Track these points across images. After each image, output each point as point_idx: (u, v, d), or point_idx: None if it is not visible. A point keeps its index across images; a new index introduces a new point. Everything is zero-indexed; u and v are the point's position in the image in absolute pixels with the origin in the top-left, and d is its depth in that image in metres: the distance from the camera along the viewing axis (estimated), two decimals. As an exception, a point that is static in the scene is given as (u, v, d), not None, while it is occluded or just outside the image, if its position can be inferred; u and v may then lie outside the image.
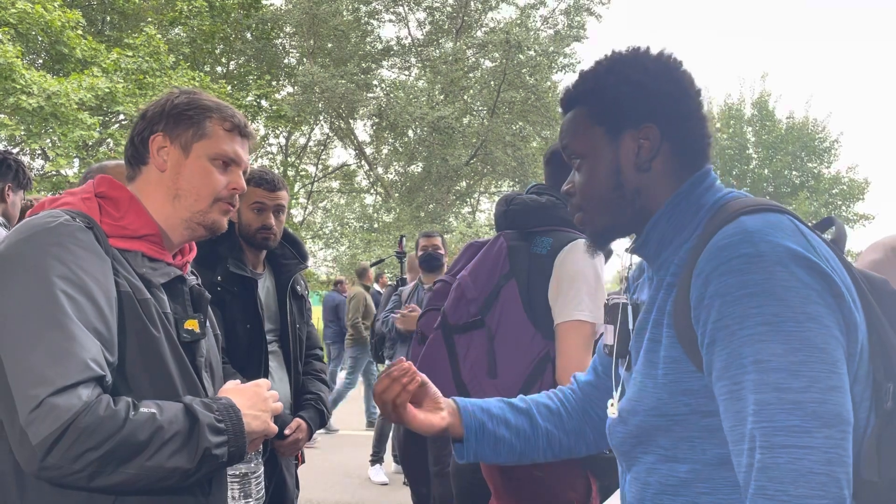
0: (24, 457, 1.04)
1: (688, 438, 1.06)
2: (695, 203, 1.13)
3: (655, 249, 1.17)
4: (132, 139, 1.39)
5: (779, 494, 0.89)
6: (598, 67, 1.20)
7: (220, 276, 2.27)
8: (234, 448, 1.21)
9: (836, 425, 0.89)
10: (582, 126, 1.20)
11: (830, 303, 0.94)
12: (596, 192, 1.19)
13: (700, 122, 1.17)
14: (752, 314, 0.93)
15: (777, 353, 0.91)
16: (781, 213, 1.03)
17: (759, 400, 0.92)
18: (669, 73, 1.16)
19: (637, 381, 1.14)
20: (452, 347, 1.95)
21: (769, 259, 0.94)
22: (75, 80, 12.45)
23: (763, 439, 0.91)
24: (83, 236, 1.18)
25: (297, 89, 19.80)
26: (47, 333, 1.07)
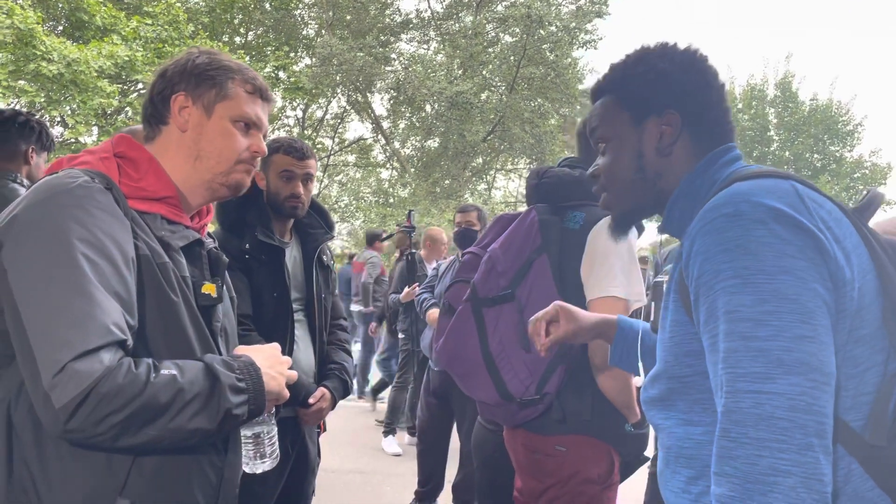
0: (48, 420, 1.04)
1: (700, 401, 1.09)
2: (710, 179, 1.18)
3: (678, 226, 1.22)
4: (151, 98, 1.36)
5: (740, 437, 0.91)
6: (627, 59, 1.28)
7: (248, 244, 2.27)
8: (254, 406, 1.21)
9: (804, 373, 0.90)
10: (609, 112, 1.27)
11: (813, 257, 0.95)
12: (619, 175, 1.26)
13: (722, 113, 1.23)
14: (724, 269, 0.97)
15: (745, 303, 0.94)
16: (783, 178, 1.05)
17: (727, 348, 0.95)
18: (694, 64, 1.23)
19: (657, 350, 1.19)
20: (481, 320, 1.94)
21: (748, 217, 0.97)
22: (95, 47, 12.46)
23: (728, 385, 0.94)
24: (103, 198, 1.16)
25: (315, 61, 19.68)
26: (69, 297, 1.06)
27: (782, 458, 0.88)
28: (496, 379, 1.89)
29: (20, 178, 2.61)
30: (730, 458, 0.92)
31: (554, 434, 1.91)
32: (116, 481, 1.15)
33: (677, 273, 1.13)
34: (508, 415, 1.95)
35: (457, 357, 1.98)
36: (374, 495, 4.74)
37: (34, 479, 1.13)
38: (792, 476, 0.87)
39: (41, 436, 1.12)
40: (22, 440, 1.13)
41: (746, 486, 0.89)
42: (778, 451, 0.88)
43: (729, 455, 0.92)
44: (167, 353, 1.19)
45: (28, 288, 1.07)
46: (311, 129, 23.84)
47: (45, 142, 2.76)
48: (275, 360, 1.32)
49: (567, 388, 1.90)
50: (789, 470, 0.87)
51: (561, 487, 1.91)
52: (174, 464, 1.22)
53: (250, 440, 1.65)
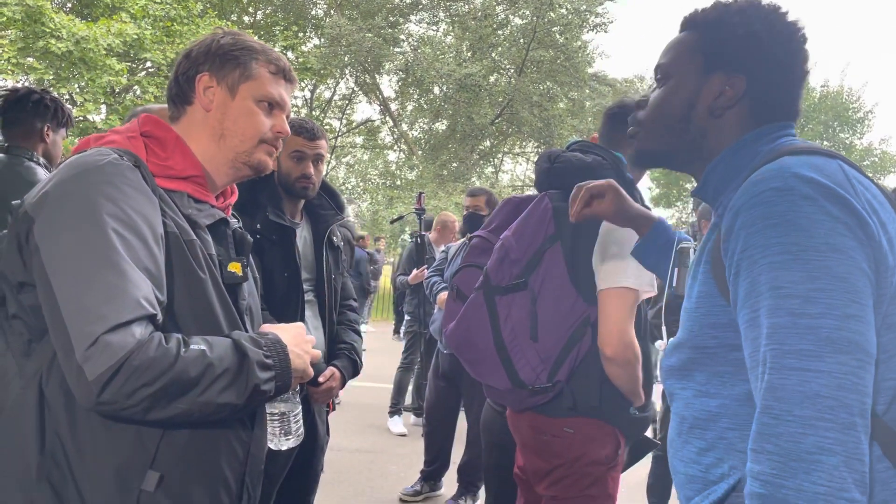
0: (80, 392, 1.06)
1: (719, 373, 1.08)
2: (755, 150, 1.14)
3: (714, 192, 1.19)
4: (176, 78, 1.37)
5: (783, 415, 0.90)
6: (731, 4, 1.19)
7: (259, 223, 2.28)
8: (280, 383, 1.23)
9: (852, 352, 0.89)
10: (684, 49, 1.22)
11: (860, 237, 0.94)
12: (663, 115, 1.21)
13: (791, 98, 1.17)
14: (773, 243, 0.95)
15: (794, 280, 0.92)
16: (831, 157, 1.03)
17: (773, 324, 0.93)
18: (790, 41, 1.16)
19: (681, 318, 1.18)
20: (494, 308, 1.94)
21: (797, 192, 0.95)
22: (104, 25, 12.40)
23: (773, 360, 0.92)
24: (132, 175, 1.18)
25: (324, 42, 19.59)
26: (100, 272, 1.08)
27: (827, 437, 0.87)
28: (508, 367, 1.90)
29: (36, 157, 2.62)
30: (771, 436, 0.90)
31: (563, 416, 1.93)
32: (147, 454, 1.17)
33: (711, 244, 1.10)
34: (518, 400, 1.97)
35: (468, 343, 1.99)
36: (379, 474, 4.79)
37: (66, 452, 1.15)
38: (836, 455, 0.86)
39: (73, 409, 1.14)
40: (54, 413, 1.15)
41: (790, 463, 0.88)
42: (823, 430, 0.87)
43: (771, 432, 0.90)
44: (195, 330, 1.21)
45: (60, 263, 1.09)
46: (319, 110, 23.77)
47: (62, 119, 2.76)
48: (300, 338, 1.34)
49: (577, 375, 1.91)
50: (833, 448, 0.86)
51: (568, 468, 1.94)
52: (203, 438, 1.24)
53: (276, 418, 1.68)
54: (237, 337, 1.20)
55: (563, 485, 1.95)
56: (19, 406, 1.16)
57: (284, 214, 2.36)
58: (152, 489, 1.17)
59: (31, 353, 1.17)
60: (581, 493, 1.93)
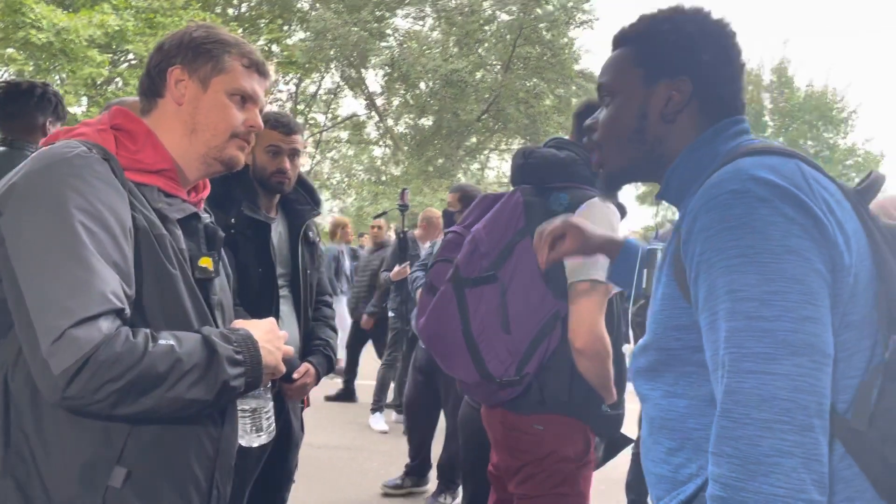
0: (46, 387, 1.04)
1: (686, 374, 1.08)
2: (714, 150, 1.15)
3: (676, 194, 1.20)
4: (148, 71, 1.36)
5: (742, 417, 0.90)
6: (657, 14, 1.22)
7: (233, 218, 2.26)
8: (251, 379, 1.22)
9: (808, 354, 0.89)
10: (623, 65, 1.22)
11: (816, 238, 0.94)
12: (617, 132, 1.22)
13: (735, 91, 1.19)
14: (729, 246, 0.95)
15: (750, 283, 0.92)
16: (789, 156, 1.04)
17: (730, 328, 0.93)
18: (722, 37, 1.18)
19: (647, 320, 1.18)
20: (463, 301, 1.95)
21: (753, 195, 0.95)
22: (85, 16, 12.30)
23: (731, 364, 0.93)
24: (100, 168, 1.16)
25: (309, 35, 19.52)
26: (67, 266, 1.06)
27: (784, 440, 0.87)
28: (476, 359, 1.90)
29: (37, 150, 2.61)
30: (730, 439, 0.91)
31: (532, 413, 1.93)
32: (114, 450, 1.15)
33: (673, 247, 1.11)
34: (488, 394, 1.97)
35: (438, 336, 1.99)
36: (360, 472, 4.78)
37: (31, 448, 1.13)
38: (794, 457, 0.87)
39: (38, 404, 1.13)
40: (19, 409, 1.14)
41: (748, 466, 0.88)
42: (780, 433, 0.87)
43: (729, 435, 0.91)
44: (164, 326, 1.19)
45: (26, 256, 1.07)
46: (304, 104, 23.68)
47: (61, 113, 2.75)
48: (272, 334, 1.32)
49: (547, 369, 1.92)
50: (791, 451, 0.87)
51: (537, 465, 1.94)
52: (172, 434, 1.22)
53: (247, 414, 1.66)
54: (207, 332, 1.19)
55: (533, 482, 1.95)
56: None
57: (259, 209, 2.34)
58: (119, 485, 1.15)
59: None
60: (551, 490, 1.93)
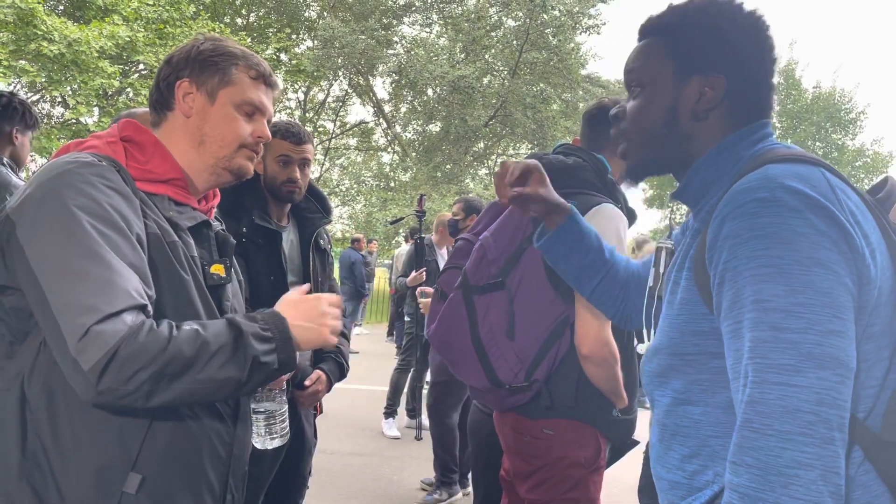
0: (79, 385, 1.06)
1: (699, 381, 1.09)
2: (736, 154, 1.14)
3: (695, 196, 1.19)
4: (157, 84, 1.39)
5: (764, 428, 0.90)
6: (689, 5, 1.18)
7: (245, 227, 2.28)
8: (283, 355, 1.21)
9: (832, 368, 0.90)
10: (653, 56, 1.20)
11: (845, 252, 0.94)
12: (646, 124, 1.20)
13: (767, 90, 1.17)
14: (757, 255, 0.95)
15: (777, 293, 0.92)
16: (814, 164, 1.03)
17: (755, 337, 0.93)
18: (756, 32, 1.15)
19: (660, 323, 1.18)
20: (472, 307, 1.96)
21: (783, 204, 0.95)
22: (96, 27, 12.39)
23: (755, 375, 0.92)
24: (111, 176, 1.20)
25: (317, 44, 19.58)
26: (88, 266, 1.09)
27: (806, 452, 0.87)
28: (486, 366, 1.92)
29: (4, 159, 2.63)
30: (751, 449, 0.91)
31: (541, 418, 1.94)
32: (128, 456, 1.18)
33: (694, 250, 1.10)
34: (498, 400, 1.98)
35: (448, 343, 2.00)
36: (374, 478, 4.79)
37: (48, 454, 1.15)
38: (813, 469, 0.87)
39: (55, 411, 1.15)
40: (36, 415, 1.16)
41: (769, 477, 0.88)
42: (802, 445, 0.87)
43: (750, 445, 0.91)
44: None
45: (47, 262, 1.10)
46: (313, 111, 23.77)
47: (30, 121, 2.76)
48: (311, 311, 1.30)
49: (556, 375, 1.92)
50: (811, 463, 0.87)
51: (548, 470, 1.94)
52: (185, 440, 1.24)
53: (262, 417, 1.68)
54: (230, 315, 1.21)
55: (544, 487, 1.96)
56: (0, 407, 1.17)
57: (271, 218, 2.37)
58: (134, 491, 1.17)
59: (14, 354, 1.18)
60: (562, 496, 1.94)
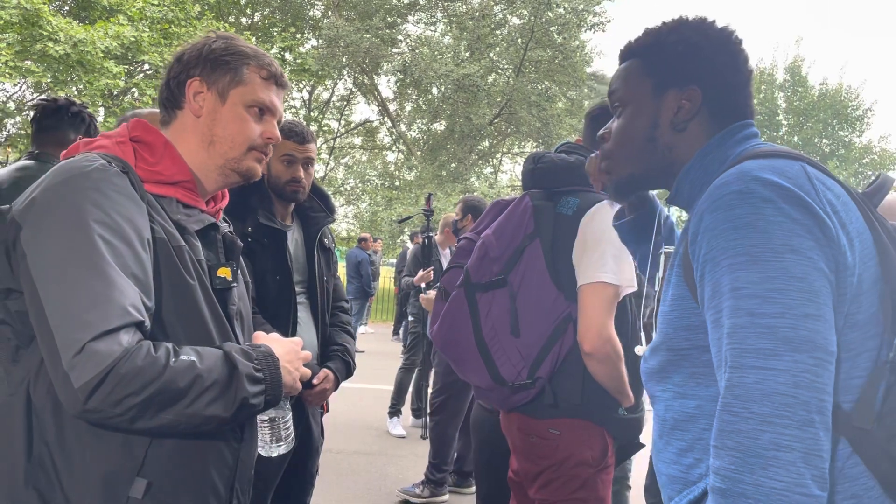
0: (67, 399, 1.06)
1: (695, 375, 1.11)
2: (722, 154, 1.18)
3: (687, 199, 1.22)
4: (168, 82, 1.37)
5: (742, 412, 0.92)
6: (663, 26, 1.26)
7: (250, 227, 2.29)
8: (270, 396, 1.23)
9: (809, 351, 0.91)
10: (633, 76, 1.26)
11: (819, 238, 0.96)
12: (629, 140, 1.25)
13: (744, 97, 1.22)
14: (733, 245, 0.97)
15: (753, 280, 0.95)
16: (794, 159, 1.06)
17: (733, 324, 0.96)
18: (727, 45, 1.21)
19: (658, 321, 1.20)
20: (474, 305, 1.96)
21: (757, 195, 0.98)
22: (101, 27, 12.42)
23: (733, 360, 0.95)
24: (119, 181, 1.18)
25: (322, 43, 19.58)
26: (87, 279, 1.07)
27: (784, 434, 0.89)
28: (489, 363, 1.92)
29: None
30: (731, 432, 0.92)
31: (547, 418, 1.94)
32: (134, 462, 1.17)
33: (682, 247, 1.13)
34: (502, 398, 1.98)
35: (450, 341, 2.00)
36: (379, 476, 4.79)
37: (53, 459, 1.15)
38: (792, 451, 0.88)
39: (60, 416, 1.14)
40: (41, 420, 1.15)
41: (748, 459, 0.90)
42: (780, 427, 0.89)
43: (730, 429, 0.93)
44: (184, 336, 1.21)
45: (46, 270, 1.09)
46: (318, 111, 23.78)
47: (93, 134, 2.76)
48: (294, 354, 1.33)
49: (559, 372, 1.92)
50: (790, 445, 0.88)
51: (556, 470, 1.94)
52: (192, 445, 1.23)
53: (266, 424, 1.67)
54: (228, 349, 1.20)
55: (552, 488, 1.95)
56: (6, 412, 1.16)
57: (275, 218, 2.37)
58: (140, 496, 1.17)
59: (19, 359, 1.17)
60: (570, 496, 1.93)
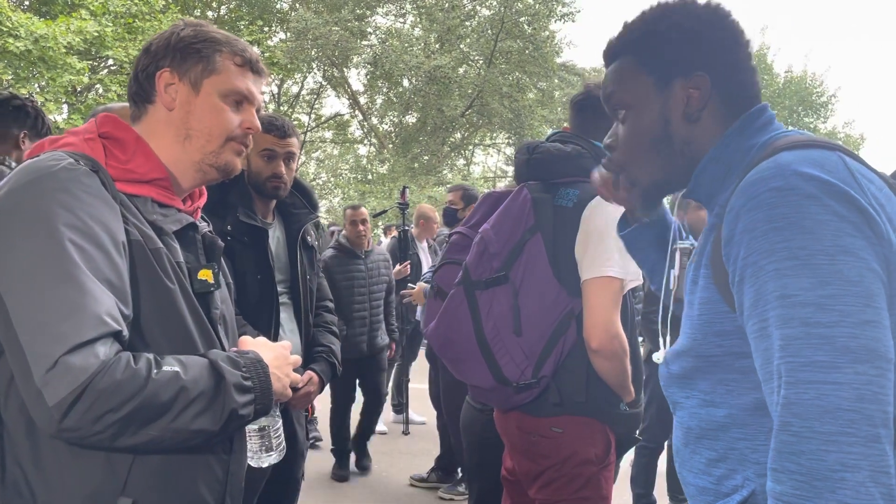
0: (41, 418, 0.98)
1: (724, 381, 1.04)
2: (745, 143, 1.10)
3: (707, 192, 1.15)
4: (136, 75, 1.28)
5: (803, 431, 0.85)
6: (646, 16, 1.17)
7: (230, 225, 2.21)
8: (260, 406, 1.16)
9: (870, 361, 0.84)
10: (628, 75, 1.17)
11: (869, 236, 0.89)
12: (642, 145, 1.16)
13: (751, 73, 1.15)
14: (778, 248, 0.90)
15: (804, 286, 0.87)
16: (830, 149, 0.98)
17: (785, 335, 0.88)
18: (720, 21, 1.13)
19: (683, 324, 1.13)
20: (475, 304, 1.90)
21: (800, 192, 0.90)
22: (63, 22, 12.14)
23: (789, 374, 0.87)
24: (89, 181, 1.10)
25: (290, 36, 19.37)
26: (58, 287, 1.00)
27: (851, 452, 0.82)
28: (491, 364, 1.86)
29: (9, 162, 2.53)
30: (791, 454, 0.85)
31: (549, 416, 1.89)
32: (118, 480, 1.10)
33: (710, 247, 1.05)
34: (503, 398, 1.92)
35: (449, 342, 1.94)
36: (360, 473, 4.74)
37: (28, 480, 1.08)
38: (861, 471, 0.82)
39: (35, 435, 1.07)
40: (14, 439, 1.08)
41: (814, 483, 0.83)
42: (846, 445, 0.82)
43: (791, 450, 0.86)
44: (165, 343, 1.14)
45: (14, 279, 1.01)
46: (287, 105, 23.55)
47: (41, 128, 2.67)
48: (283, 359, 1.27)
49: (563, 370, 1.88)
50: (858, 464, 0.82)
51: (558, 469, 1.89)
52: (178, 460, 1.16)
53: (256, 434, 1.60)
54: (214, 357, 1.13)
55: (555, 487, 1.91)
56: None
57: (256, 215, 2.29)
58: None
59: None
60: (574, 495, 1.89)
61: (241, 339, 1.31)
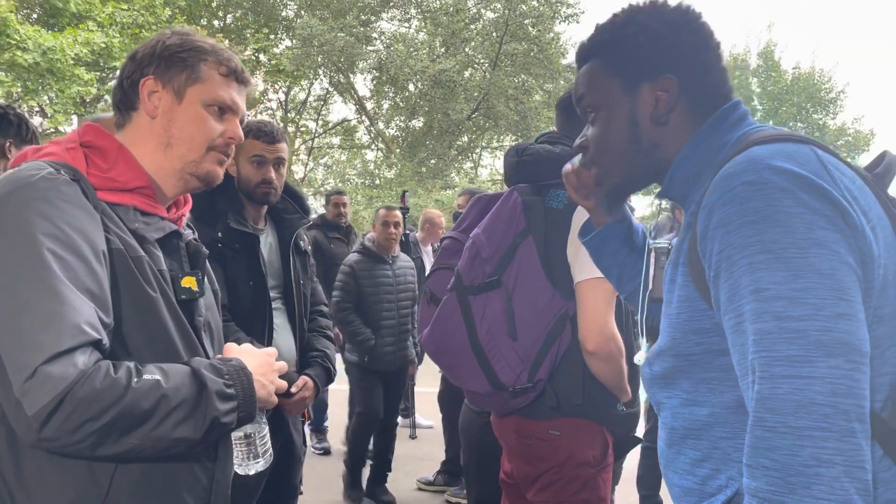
0: (20, 428, 0.99)
1: (706, 380, 1.04)
2: (718, 141, 1.10)
3: (681, 191, 1.15)
4: (121, 83, 1.29)
5: (778, 426, 0.84)
6: (615, 19, 1.18)
7: (220, 232, 2.20)
8: (243, 413, 1.16)
9: (844, 354, 0.84)
10: (598, 78, 1.18)
11: (843, 229, 0.88)
12: (611, 146, 1.17)
13: (720, 75, 1.15)
14: (751, 242, 0.89)
15: (777, 280, 0.87)
16: (803, 142, 0.98)
17: (759, 329, 0.88)
18: (689, 23, 1.14)
19: (662, 324, 1.13)
20: (468, 309, 1.88)
21: (773, 185, 0.90)
22: (70, 34, 12.25)
23: (762, 369, 0.87)
24: (69, 190, 1.10)
25: (296, 43, 19.44)
26: (37, 297, 0.99)
27: (825, 447, 0.81)
28: (486, 369, 1.84)
29: None
30: (766, 450, 0.85)
31: (547, 418, 1.88)
32: (99, 489, 1.10)
33: (686, 244, 1.05)
34: (500, 403, 1.91)
35: (444, 348, 1.93)
36: (367, 479, 4.73)
37: (11, 491, 1.08)
38: (835, 466, 0.81)
39: (15, 444, 1.07)
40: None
41: (788, 479, 0.83)
42: (821, 440, 0.82)
43: (765, 446, 0.85)
44: (148, 352, 1.14)
45: None
46: (295, 111, 23.64)
47: (25, 135, 2.66)
48: (268, 366, 1.27)
49: (559, 372, 1.86)
50: (832, 459, 0.81)
51: (556, 472, 1.88)
52: (162, 468, 1.16)
53: (241, 441, 1.59)
54: (196, 365, 1.12)
55: (553, 489, 1.89)
56: None
57: (247, 221, 2.29)
58: None
59: None
60: (572, 497, 1.88)
61: (226, 347, 1.31)
